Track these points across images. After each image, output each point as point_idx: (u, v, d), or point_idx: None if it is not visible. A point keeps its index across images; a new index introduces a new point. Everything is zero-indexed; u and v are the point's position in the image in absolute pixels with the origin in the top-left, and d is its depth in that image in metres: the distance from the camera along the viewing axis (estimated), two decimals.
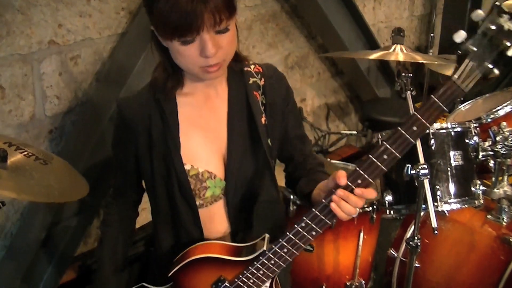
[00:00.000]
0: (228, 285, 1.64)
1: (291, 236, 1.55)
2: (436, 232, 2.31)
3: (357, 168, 1.52)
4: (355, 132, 4.94)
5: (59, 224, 3.44)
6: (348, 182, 1.52)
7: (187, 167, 1.74)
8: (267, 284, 1.64)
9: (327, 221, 1.51)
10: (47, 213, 3.22)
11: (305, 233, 1.54)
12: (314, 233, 1.54)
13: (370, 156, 1.50)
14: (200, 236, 1.77)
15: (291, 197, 2.77)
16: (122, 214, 1.97)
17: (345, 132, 4.92)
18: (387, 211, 2.68)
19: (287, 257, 1.58)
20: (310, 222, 1.53)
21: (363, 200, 1.54)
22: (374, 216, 2.89)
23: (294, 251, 1.57)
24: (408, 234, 3.03)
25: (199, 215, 1.75)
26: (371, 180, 1.52)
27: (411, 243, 2.41)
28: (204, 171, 1.74)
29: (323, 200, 1.53)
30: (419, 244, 2.40)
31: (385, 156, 1.50)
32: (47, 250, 3.49)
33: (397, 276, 3.06)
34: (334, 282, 2.99)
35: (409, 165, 2.32)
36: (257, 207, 1.78)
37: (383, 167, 1.51)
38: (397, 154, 1.50)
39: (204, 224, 1.79)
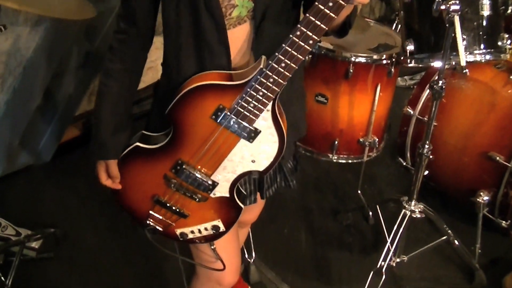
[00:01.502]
0: (228, 113, 1.49)
1: (287, 48, 1.39)
2: (465, 70, 2.19)
3: None
4: None
5: (61, 79, 3.33)
6: None
7: None
8: (269, 106, 1.50)
9: (331, 14, 1.33)
10: (49, 67, 3.08)
11: (301, 43, 1.38)
12: (311, 41, 1.38)
13: None
14: (226, 61, 1.60)
15: None
16: (128, 61, 1.67)
17: None
18: (408, 60, 2.54)
19: (285, 72, 1.41)
20: (304, 29, 1.37)
21: None
22: (392, 70, 2.76)
23: (293, 65, 1.42)
24: (425, 93, 2.95)
25: (227, 33, 1.58)
26: None
27: (435, 86, 2.28)
28: None
29: None
30: (443, 87, 2.27)
31: None
32: (48, 106, 3.39)
33: (412, 135, 2.98)
34: (347, 138, 2.90)
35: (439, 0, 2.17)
36: (281, 35, 1.61)
37: None
38: None
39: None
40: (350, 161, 2.99)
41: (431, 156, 2.41)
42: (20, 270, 2.53)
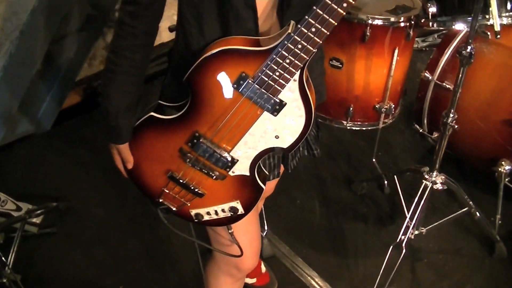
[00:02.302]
0: (251, 81, 1.35)
1: (318, 10, 1.25)
2: (498, 36, 2.04)
3: None
4: None
5: (62, 43, 3.18)
6: None
7: None
8: (296, 76, 1.35)
9: None
10: (48, 31, 2.92)
11: (334, 5, 1.24)
12: (345, 4, 1.24)
13: None
14: (254, 26, 1.45)
15: None
16: (140, 36, 1.49)
17: None
18: (430, 23, 2.40)
19: (315, 38, 1.27)
20: None
21: None
22: (411, 33, 2.61)
23: (324, 30, 1.27)
24: (445, 57, 2.81)
25: None
26: None
27: (463, 52, 2.14)
28: None
29: None
30: (473, 53, 2.13)
31: None
32: (48, 72, 3.25)
33: (429, 101, 2.84)
34: (363, 104, 2.77)
35: None
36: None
37: None
38: None
39: None
40: (364, 128, 2.86)
41: (456, 126, 2.28)
42: (21, 247, 2.43)
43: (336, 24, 1.27)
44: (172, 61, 1.60)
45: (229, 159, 1.49)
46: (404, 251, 2.36)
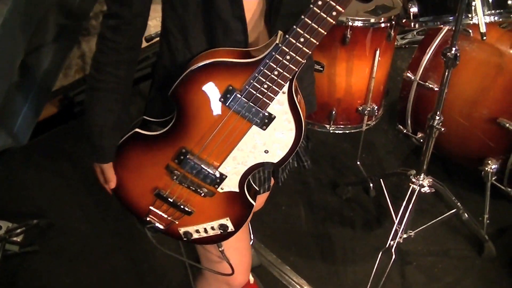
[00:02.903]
0: (238, 94, 1.31)
1: (306, 20, 1.21)
2: (484, 37, 2.02)
3: None
4: None
5: (35, 54, 3.10)
6: None
7: None
8: (285, 88, 1.31)
9: None
10: (21, 42, 2.85)
11: (323, 14, 1.19)
12: (334, 13, 1.20)
13: None
14: (243, 37, 1.40)
15: None
16: (123, 51, 1.42)
17: None
18: (412, 23, 2.37)
19: (304, 48, 1.23)
20: None
21: None
22: (392, 33, 2.58)
23: (313, 40, 1.23)
24: (427, 57, 2.78)
25: (243, 5, 1.37)
26: None
27: (448, 54, 2.11)
28: None
29: None
30: (458, 55, 2.10)
31: None
32: (23, 83, 3.17)
33: (413, 101, 2.82)
34: (345, 107, 2.74)
35: None
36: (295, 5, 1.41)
37: None
38: None
39: None
40: (347, 131, 2.84)
41: (442, 129, 2.25)
42: (3, 266, 2.37)
43: (325, 33, 1.23)
44: (156, 75, 1.54)
45: (218, 175, 1.45)
46: (394, 256, 2.33)
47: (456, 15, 2.09)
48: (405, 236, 2.43)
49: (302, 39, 1.23)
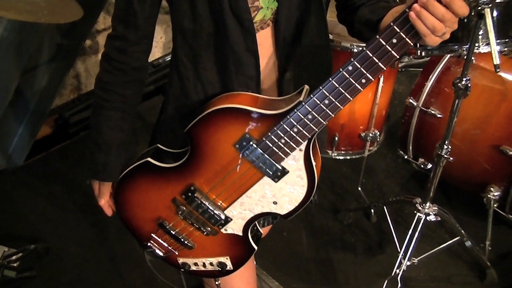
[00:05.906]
0: (254, 144, 1.28)
1: (334, 83, 1.17)
2: (498, 70, 2.01)
3: None
4: None
5: (32, 73, 3.07)
6: None
7: None
8: (302, 146, 1.28)
9: (393, 52, 1.11)
10: (18, 62, 2.82)
11: (352, 80, 1.15)
12: (364, 80, 1.15)
13: None
14: (255, 72, 1.38)
15: None
16: (130, 71, 1.43)
17: None
18: (419, 52, 2.36)
19: (328, 110, 1.18)
20: (358, 65, 1.14)
21: (450, 14, 1.12)
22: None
23: (338, 104, 1.19)
24: (430, 83, 2.77)
25: (256, 40, 1.34)
26: None
27: (459, 84, 2.10)
28: None
29: (391, 24, 1.11)
30: (469, 85, 2.09)
31: None
32: (19, 103, 3.13)
33: (415, 127, 2.81)
34: (348, 132, 2.74)
35: None
36: (305, 42, 1.39)
37: None
38: None
39: None
40: (349, 157, 2.83)
41: (450, 158, 2.24)
42: None
43: (351, 99, 1.19)
44: (167, 103, 1.52)
45: (223, 217, 1.44)
46: (399, 285, 2.31)
47: (460, 43, 2.10)
48: (408, 263, 2.41)
49: (326, 101, 1.19)
